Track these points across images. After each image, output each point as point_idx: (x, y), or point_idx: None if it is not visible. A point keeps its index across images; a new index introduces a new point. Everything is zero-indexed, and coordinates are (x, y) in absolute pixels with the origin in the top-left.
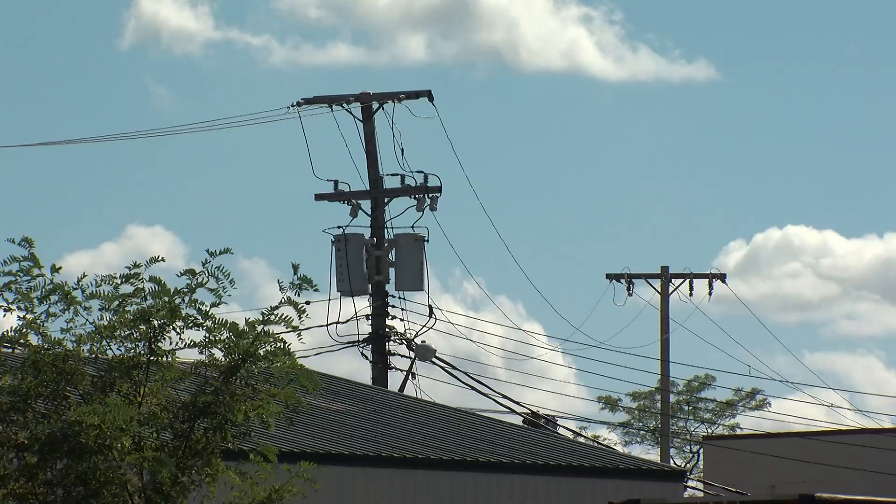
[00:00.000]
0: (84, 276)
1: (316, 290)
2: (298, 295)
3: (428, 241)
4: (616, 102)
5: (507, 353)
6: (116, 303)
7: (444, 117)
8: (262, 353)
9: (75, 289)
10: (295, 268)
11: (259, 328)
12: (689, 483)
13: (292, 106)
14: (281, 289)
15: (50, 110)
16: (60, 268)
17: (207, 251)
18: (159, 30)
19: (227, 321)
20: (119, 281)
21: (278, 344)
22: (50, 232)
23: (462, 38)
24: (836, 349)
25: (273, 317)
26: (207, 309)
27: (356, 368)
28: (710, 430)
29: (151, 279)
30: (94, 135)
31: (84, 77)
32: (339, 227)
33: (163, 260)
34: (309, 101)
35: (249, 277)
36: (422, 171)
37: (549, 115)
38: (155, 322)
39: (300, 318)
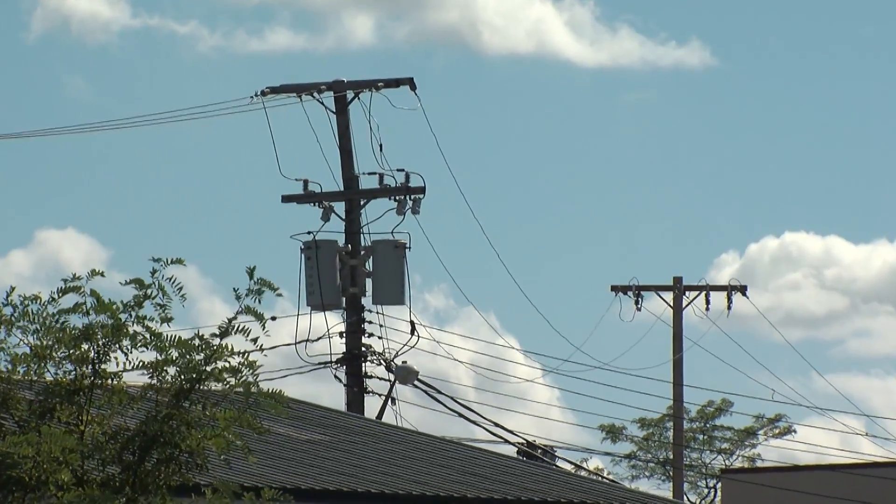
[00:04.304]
0: (13, 289)
1: (278, 294)
2: (259, 302)
3: (409, 248)
4: (594, 90)
5: (499, 375)
6: (54, 320)
7: (397, 111)
8: (217, 372)
9: (5, 305)
10: (250, 272)
11: (215, 343)
12: None
13: (256, 96)
14: (237, 297)
15: None
16: None
17: (153, 259)
18: (67, 18)
19: (177, 336)
20: (57, 295)
21: (237, 359)
22: None
23: (414, 19)
24: (849, 370)
25: (230, 329)
26: (157, 325)
27: (328, 392)
28: (728, 462)
29: (91, 293)
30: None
31: None
32: (308, 232)
33: (102, 274)
34: (275, 91)
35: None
36: (402, 170)
37: (520, 104)
38: (99, 340)
39: (263, 328)
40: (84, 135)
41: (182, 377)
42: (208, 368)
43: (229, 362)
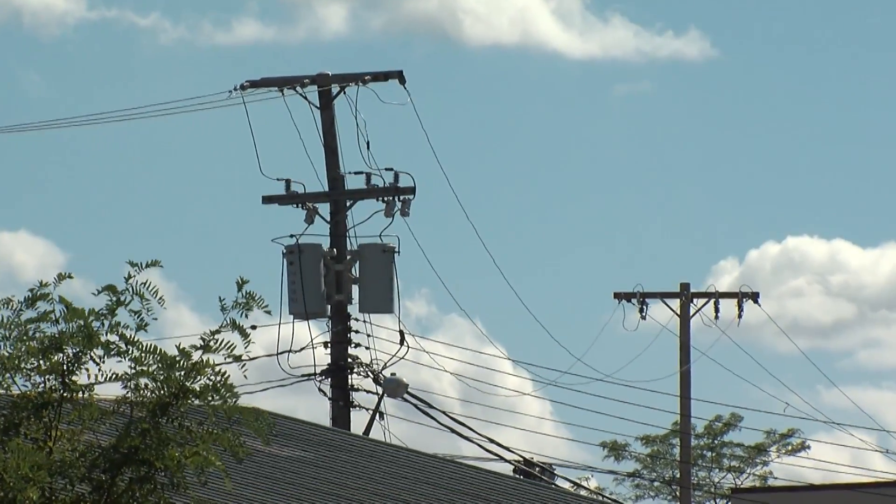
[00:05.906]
0: None
1: (267, 311)
2: (246, 317)
3: (399, 252)
4: (585, 83)
5: (493, 387)
6: (19, 329)
7: (385, 107)
8: (198, 388)
9: None
10: (240, 284)
11: (196, 356)
12: None
13: (235, 90)
14: (223, 309)
15: None
16: None
17: (130, 263)
18: (19, 10)
19: (155, 347)
20: (23, 305)
21: (218, 377)
22: None
23: (391, 7)
24: (859, 382)
25: (213, 342)
26: (133, 335)
27: (306, 406)
28: (738, 481)
29: (60, 299)
30: None
31: None
32: (291, 235)
33: (70, 277)
34: (255, 84)
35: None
36: (391, 169)
37: (506, 98)
38: (69, 350)
39: (246, 345)
40: (38, 132)
41: (162, 390)
42: (188, 384)
43: (211, 379)
